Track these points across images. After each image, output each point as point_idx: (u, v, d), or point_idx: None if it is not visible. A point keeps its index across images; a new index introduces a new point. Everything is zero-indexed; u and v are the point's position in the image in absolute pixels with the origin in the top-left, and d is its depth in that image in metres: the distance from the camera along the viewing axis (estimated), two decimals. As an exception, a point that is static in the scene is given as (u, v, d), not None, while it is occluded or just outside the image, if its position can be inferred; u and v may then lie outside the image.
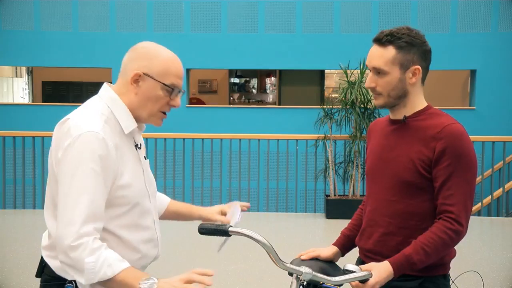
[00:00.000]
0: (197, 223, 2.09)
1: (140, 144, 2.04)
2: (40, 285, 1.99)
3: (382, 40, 2.07)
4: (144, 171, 2.02)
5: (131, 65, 1.92)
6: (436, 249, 1.98)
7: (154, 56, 1.92)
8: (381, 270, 1.95)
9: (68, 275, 1.84)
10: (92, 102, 1.97)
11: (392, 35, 2.06)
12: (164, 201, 2.31)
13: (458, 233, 2.00)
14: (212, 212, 2.25)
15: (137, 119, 1.97)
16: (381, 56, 2.07)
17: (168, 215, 2.31)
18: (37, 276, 2.01)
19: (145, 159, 2.08)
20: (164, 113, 1.98)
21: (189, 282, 1.74)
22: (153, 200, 2.06)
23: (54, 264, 1.94)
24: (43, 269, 1.98)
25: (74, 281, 1.89)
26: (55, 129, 1.90)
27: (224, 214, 2.25)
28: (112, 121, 1.90)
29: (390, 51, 2.06)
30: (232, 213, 2.20)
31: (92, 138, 1.80)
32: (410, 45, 2.07)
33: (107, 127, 1.87)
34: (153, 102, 1.92)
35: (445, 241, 1.98)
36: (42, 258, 2.00)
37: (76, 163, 1.79)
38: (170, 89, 1.92)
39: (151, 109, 1.93)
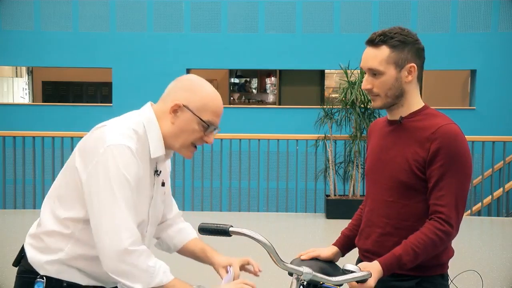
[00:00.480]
0: (197, 222, 2.09)
1: (160, 171, 2.03)
2: (16, 276, 2.01)
3: (375, 41, 2.08)
4: (153, 198, 2.02)
5: (173, 94, 1.95)
6: (425, 249, 1.99)
7: (197, 90, 1.96)
8: (371, 269, 1.96)
9: (42, 270, 1.89)
10: (131, 116, 1.97)
11: (385, 35, 2.07)
12: (185, 237, 2.25)
13: (448, 234, 2.00)
14: (218, 264, 2.21)
15: (168, 147, 1.99)
16: (375, 56, 2.07)
17: (185, 253, 2.26)
18: (13, 265, 2.03)
19: (162, 185, 2.08)
20: (196, 147, 2.00)
21: None
22: (150, 228, 2.05)
23: (31, 254, 1.96)
24: (21, 260, 2.01)
25: (45, 276, 1.91)
26: (91, 131, 1.93)
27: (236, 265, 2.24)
28: (143, 141, 1.92)
29: (384, 51, 2.06)
30: (229, 273, 2.14)
31: (128, 152, 1.83)
32: (403, 44, 2.07)
33: (138, 146, 1.89)
34: (187, 135, 1.95)
35: (435, 242, 1.99)
36: (22, 247, 2.02)
37: (113, 173, 1.81)
38: (206, 125, 1.95)
39: (185, 141, 1.96)
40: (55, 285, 1.92)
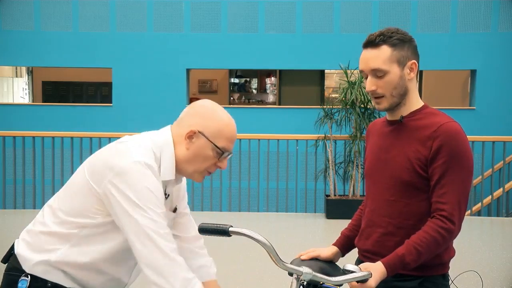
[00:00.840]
0: (197, 222, 2.09)
1: (169, 195, 2.05)
2: (4, 273, 2.01)
3: (375, 41, 2.08)
4: None
5: (189, 120, 1.98)
6: (428, 248, 1.98)
7: (212, 117, 1.97)
8: (374, 270, 1.96)
9: (28, 267, 1.92)
10: (151, 137, 1.99)
11: (384, 34, 2.08)
12: (204, 275, 2.22)
13: (450, 232, 2.00)
14: None
15: (180, 172, 2.01)
16: (377, 56, 2.07)
17: None
18: (2, 261, 2.04)
19: (174, 211, 2.11)
20: (209, 172, 2.03)
21: None
22: None
23: (21, 251, 1.97)
24: (9, 257, 2.01)
25: (30, 275, 1.92)
26: (111, 144, 1.97)
27: None
28: (157, 162, 1.94)
29: (386, 50, 2.07)
30: None
31: (149, 170, 1.86)
32: (402, 42, 2.09)
33: (155, 166, 1.92)
34: (201, 161, 1.98)
35: (437, 240, 1.99)
36: (13, 245, 2.02)
37: (136, 187, 1.83)
38: (221, 152, 1.98)
39: (199, 166, 1.99)
40: (39, 285, 1.93)
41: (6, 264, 2.02)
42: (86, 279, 1.96)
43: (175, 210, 2.13)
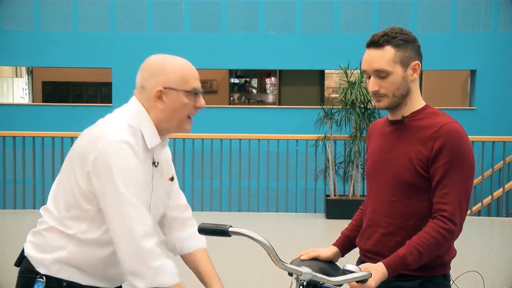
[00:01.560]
0: (197, 222, 2.09)
1: (158, 162, 2.04)
2: (18, 276, 2.01)
3: (379, 42, 2.07)
4: (153, 190, 2.02)
5: (149, 83, 1.96)
6: (429, 249, 1.98)
7: (169, 68, 1.98)
8: (375, 271, 1.95)
9: (44, 268, 1.90)
10: (125, 113, 1.98)
11: (387, 35, 2.07)
12: (192, 245, 2.20)
13: (452, 232, 2.00)
14: None
15: (165, 131, 2.01)
16: (381, 57, 2.07)
17: (188, 261, 2.20)
18: (15, 265, 2.04)
19: (171, 180, 2.11)
20: (191, 117, 2.03)
21: None
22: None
23: (31, 252, 1.96)
24: (22, 260, 2.01)
25: (45, 275, 1.91)
26: (85, 131, 1.95)
27: None
28: (138, 134, 1.94)
29: (389, 51, 2.06)
30: None
31: (126, 146, 1.85)
32: (406, 42, 2.08)
33: (135, 139, 1.91)
34: (180, 111, 1.98)
35: (439, 241, 1.98)
36: (23, 248, 2.02)
37: (116, 170, 1.81)
38: (193, 93, 1.99)
39: (180, 117, 1.99)
40: (54, 285, 1.92)
41: (19, 267, 2.02)
42: (103, 271, 1.94)
43: (172, 179, 2.13)
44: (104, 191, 1.82)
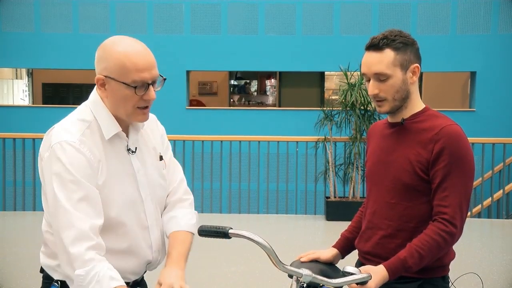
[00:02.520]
0: (197, 224, 2.09)
1: (136, 148, 1.95)
2: (42, 280, 2.02)
3: (379, 45, 2.06)
4: (137, 176, 1.94)
5: (96, 69, 1.87)
6: (430, 251, 1.98)
7: (109, 56, 1.83)
8: (376, 273, 1.95)
9: (55, 273, 1.90)
10: (79, 109, 1.94)
11: (387, 38, 2.07)
12: (168, 229, 2.05)
13: (452, 235, 2.00)
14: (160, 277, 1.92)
15: (121, 120, 1.90)
16: (381, 60, 2.06)
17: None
18: (41, 271, 2.04)
19: (161, 159, 2.03)
20: (145, 107, 1.88)
21: None
22: (150, 206, 1.98)
23: (43, 260, 1.97)
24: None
25: (60, 281, 1.91)
26: (44, 137, 1.91)
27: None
28: (93, 127, 1.86)
29: (389, 54, 2.06)
30: None
31: (67, 146, 1.78)
32: (405, 45, 2.08)
33: (89, 135, 1.84)
34: (124, 102, 1.84)
35: (439, 243, 1.98)
36: None
37: (55, 172, 1.78)
38: (133, 87, 1.81)
39: (126, 109, 1.85)
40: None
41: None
42: (117, 265, 1.86)
43: (161, 158, 2.04)
44: (47, 195, 1.81)
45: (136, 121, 1.92)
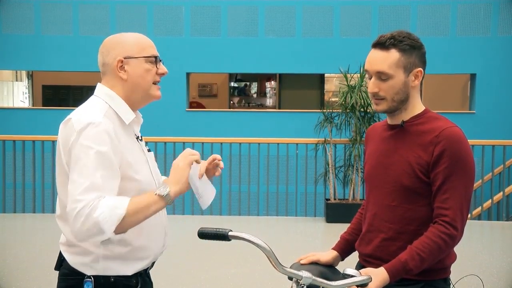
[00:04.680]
0: (197, 227, 2.08)
1: (141, 136, 2.11)
2: (58, 278, 2.02)
3: (385, 44, 2.06)
4: (148, 161, 2.09)
5: (109, 58, 2.00)
6: (431, 254, 1.98)
7: (124, 41, 2.02)
8: (376, 275, 1.95)
9: (89, 269, 1.92)
10: (90, 101, 2.02)
11: (395, 38, 2.06)
12: None
13: (453, 238, 1.99)
14: None
15: (135, 104, 2.05)
16: (385, 59, 2.06)
17: None
18: (55, 269, 2.04)
19: (149, 151, 2.15)
20: (156, 83, 2.06)
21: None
22: None
23: (72, 259, 1.97)
24: (62, 263, 2.01)
25: (93, 276, 1.93)
26: (60, 129, 1.95)
27: None
28: (111, 115, 1.96)
29: (394, 55, 2.05)
30: (199, 188, 2.07)
31: (94, 129, 1.86)
32: (412, 48, 2.07)
33: (107, 120, 1.92)
34: (144, 77, 2.01)
35: (440, 246, 1.98)
36: (60, 251, 2.03)
37: (81, 154, 1.83)
38: (153, 59, 2.02)
39: (145, 84, 2.02)
40: (103, 282, 1.94)
41: (59, 269, 2.03)
42: (145, 245, 1.99)
43: (149, 151, 2.17)
44: (80, 175, 1.83)
45: (154, 97, 2.07)
